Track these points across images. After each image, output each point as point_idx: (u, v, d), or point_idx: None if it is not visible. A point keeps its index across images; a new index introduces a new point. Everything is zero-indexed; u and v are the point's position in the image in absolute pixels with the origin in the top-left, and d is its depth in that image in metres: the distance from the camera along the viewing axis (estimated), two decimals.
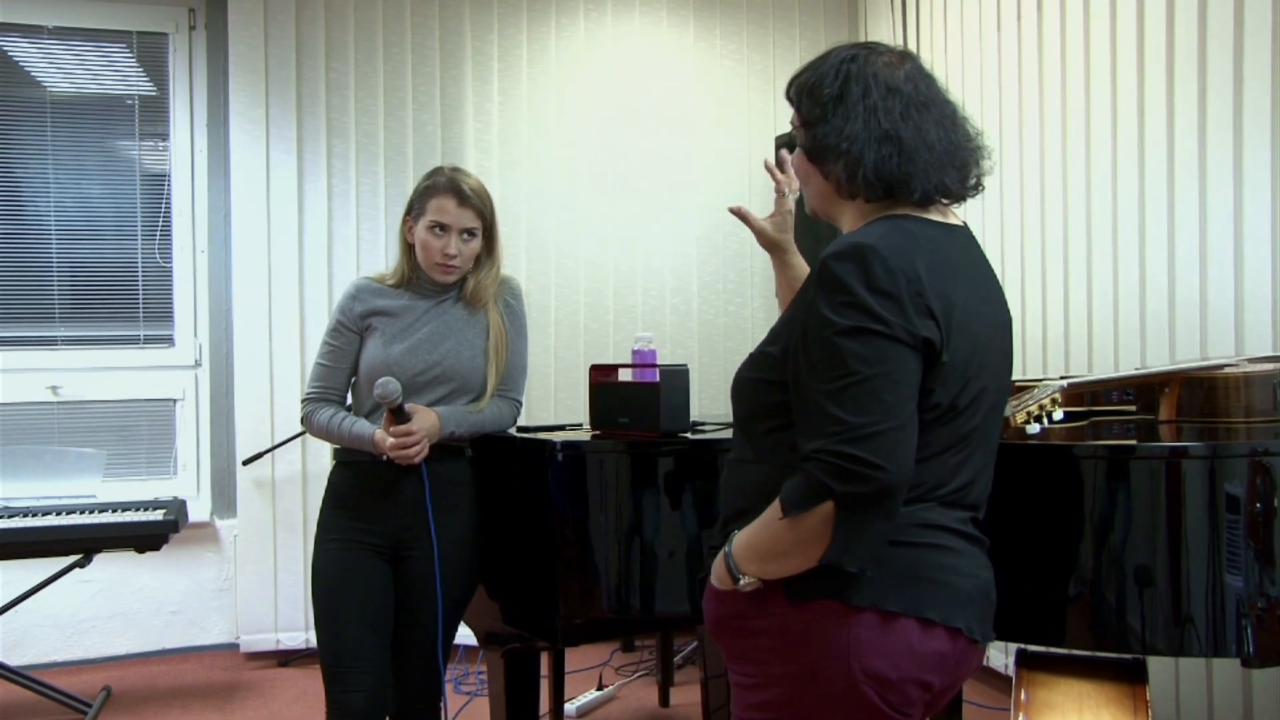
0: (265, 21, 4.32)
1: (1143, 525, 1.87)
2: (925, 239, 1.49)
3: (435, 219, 2.49)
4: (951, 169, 1.55)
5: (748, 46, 4.94)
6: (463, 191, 2.50)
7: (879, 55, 1.58)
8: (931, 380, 1.43)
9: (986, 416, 1.55)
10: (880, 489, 1.34)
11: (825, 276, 1.43)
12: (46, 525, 3.55)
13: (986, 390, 1.53)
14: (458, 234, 2.50)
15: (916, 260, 1.43)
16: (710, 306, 4.88)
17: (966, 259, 1.56)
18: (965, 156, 1.58)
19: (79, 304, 4.48)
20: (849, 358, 1.37)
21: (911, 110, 1.53)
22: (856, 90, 1.53)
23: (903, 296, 1.39)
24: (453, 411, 2.50)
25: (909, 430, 1.39)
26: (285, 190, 4.36)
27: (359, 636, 2.41)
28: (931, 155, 1.52)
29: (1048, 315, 3.64)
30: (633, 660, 4.32)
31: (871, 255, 1.40)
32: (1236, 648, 1.84)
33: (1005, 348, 1.62)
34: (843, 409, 1.36)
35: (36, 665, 4.20)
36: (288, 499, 4.37)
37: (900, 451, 1.36)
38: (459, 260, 2.51)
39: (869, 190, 1.54)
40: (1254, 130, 2.85)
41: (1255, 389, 2.19)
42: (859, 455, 1.34)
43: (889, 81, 1.54)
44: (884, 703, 1.45)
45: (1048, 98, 3.64)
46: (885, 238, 1.45)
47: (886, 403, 1.36)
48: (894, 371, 1.38)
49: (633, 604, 2.43)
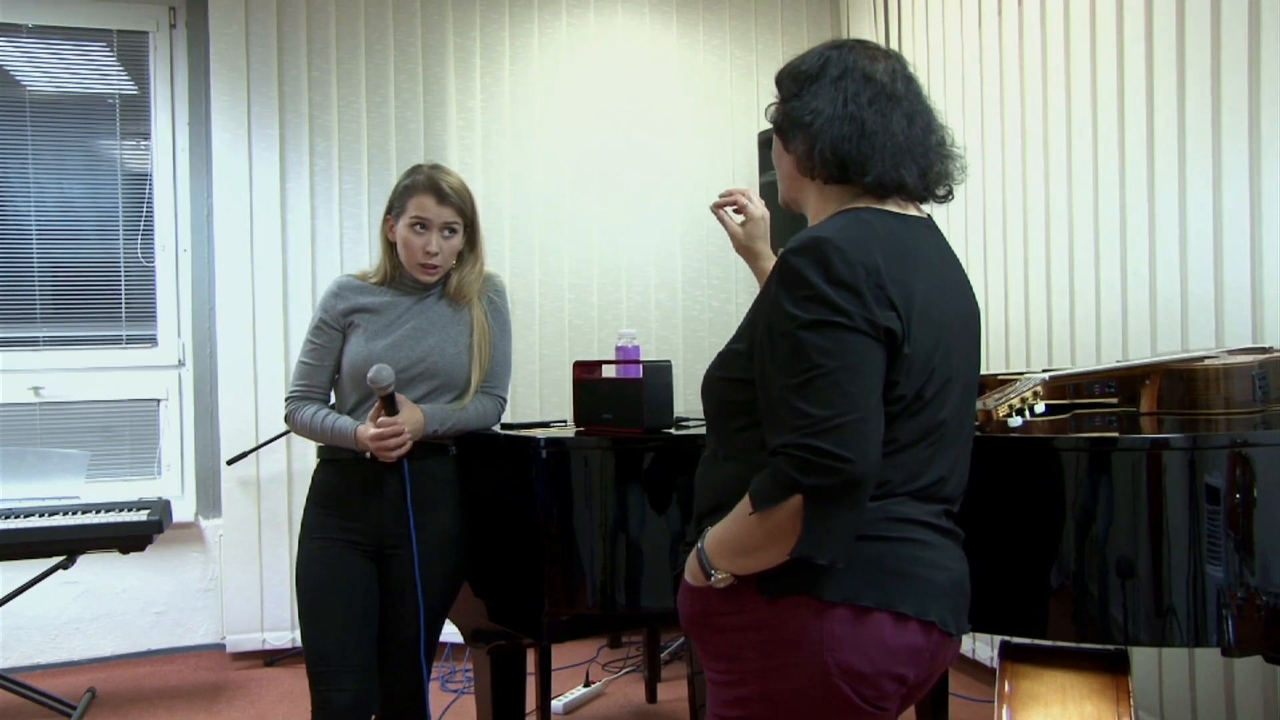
0: (246, 19, 4.31)
1: (1124, 517, 1.88)
2: (884, 230, 1.50)
3: (416, 216, 2.49)
4: (911, 163, 1.55)
5: (731, 43, 4.94)
6: (442, 189, 2.50)
7: (865, 49, 1.60)
8: (895, 372, 1.44)
9: (957, 409, 1.55)
10: (847, 481, 1.35)
11: (785, 271, 1.44)
12: (30, 526, 3.53)
13: (952, 381, 1.53)
14: (438, 231, 2.50)
15: (875, 251, 1.44)
16: (695, 303, 4.89)
17: (928, 249, 1.56)
18: (929, 155, 1.58)
19: (61, 304, 4.45)
20: (811, 351, 1.38)
21: (881, 99, 1.55)
22: (833, 72, 1.56)
23: (862, 288, 1.40)
24: (437, 410, 2.49)
25: (874, 421, 1.39)
26: (268, 188, 4.34)
27: (344, 635, 2.41)
28: (892, 144, 1.54)
29: (1030, 308, 3.66)
30: (619, 656, 4.32)
31: (829, 248, 1.41)
32: (1217, 637, 1.85)
33: (972, 338, 1.62)
34: (807, 402, 1.37)
35: (20, 668, 4.18)
36: (273, 498, 4.35)
37: (866, 443, 1.37)
38: (440, 258, 2.51)
39: (824, 168, 1.56)
40: (1231, 123, 2.87)
41: (1235, 380, 2.20)
42: (825, 448, 1.34)
43: (867, 71, 1.56)
44: (858, 696, 1.46)
45: (1029, 93, 3.65)
46: (843, 230, 1.46)
47: (850, 394, 1.37)
48: (857, 363, 1.39)
49: (618, 600, 2.44)
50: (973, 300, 1.65)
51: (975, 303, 1.66)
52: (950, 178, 1.63)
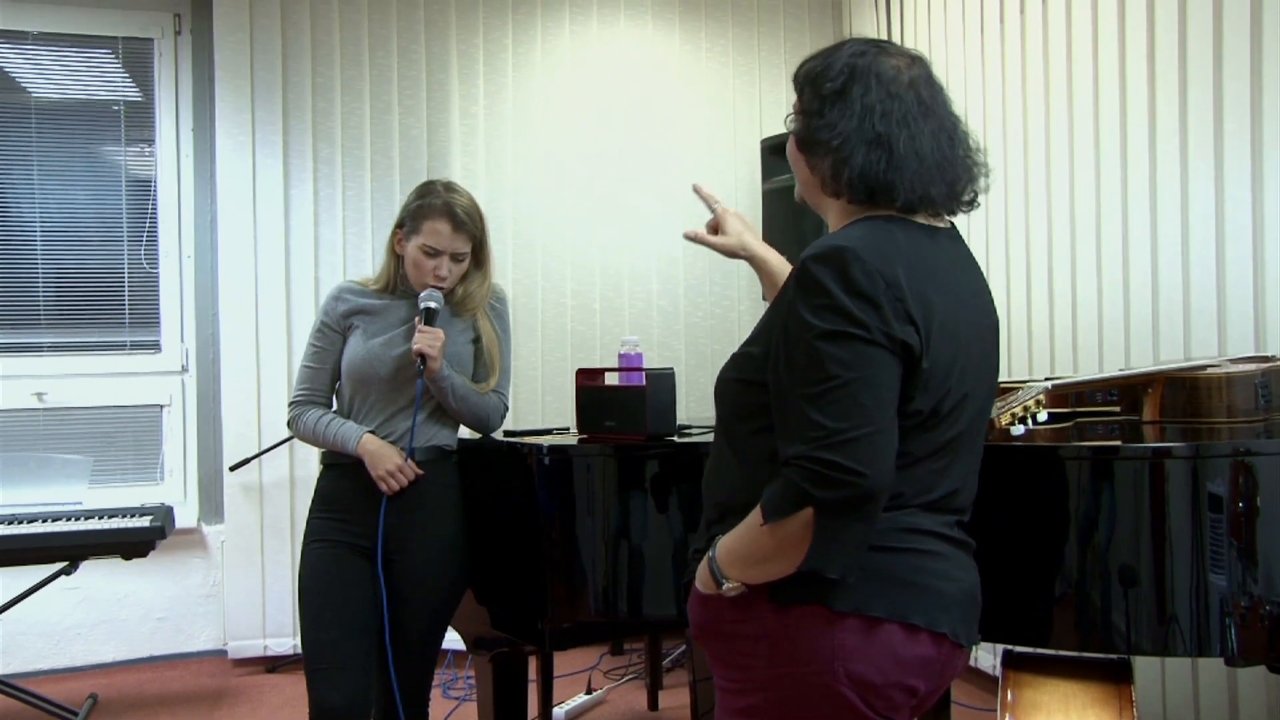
0: (251, 26, 4.32)
1: (1127, 525, 1.88)
2: (907, 242, 1.48)
3: (428, 243, 2.49)
4: (940, 182, 1.53)
5: (733, 49, 4.95)
6: (457, 216, 2.49)
7: (889, 56, 1.56)
8: (912, 387, 1.42)
9: (970, 423, 1.54)
10: (860, 494, 1.34)
11: (804, 278, 1.42)
12: (32, 532, 3.53)
13: (969, 396, 1.52)
14: (450, 257, 2.52)
15: (897, 264, 1.42)
16: (697, 309, 4.89)
17: (950, 261, 1.55)
18: (957, 171, 1.56)
19: (64, 310, 4.46)
20: (828, 362, 1.37)
21: (909, 118, 1.51)
22: (858, 89, 1.51)
23: (881, 300, 1.38)
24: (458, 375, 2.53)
25: (889, 435, 1.38)
26: (271, 195, 4.35)
27: (341, 636, 2.41)
28: (921, 166, 1.50)
29: (1032, 316, 3.66)
30: (621, 664, 4.32)
31: (850, 258, 1.40)
32: (1220, 647, 1.85)
33: (990, 350, 1.60)
34: (822, 414, 1.36)
35: (22, 674, 4.18)
36: (275, 504, 4.35)
37: (880, 457, 1.36)
38: (448, 282, 2.54)
39: (852, 192, 1.53)
40: (1234, 130, 2.87)
41: (1238, 389, 2.20)
42: (838, 461, 1.33)
43: (892, 85, 1.52)
44: (868, 707, 1.45)
45: (1031, 97, 3.66)
46: (865, 240, 1.44)
47: (865, 407, 1.36)
48: (873, 376, 1.37)
49: (621, 607, 2.43)
50: (992, 311, 1.64)
51: (995, 313, 1.64)
52: (977, 185, 1.60)
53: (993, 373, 1.63)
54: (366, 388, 2.52)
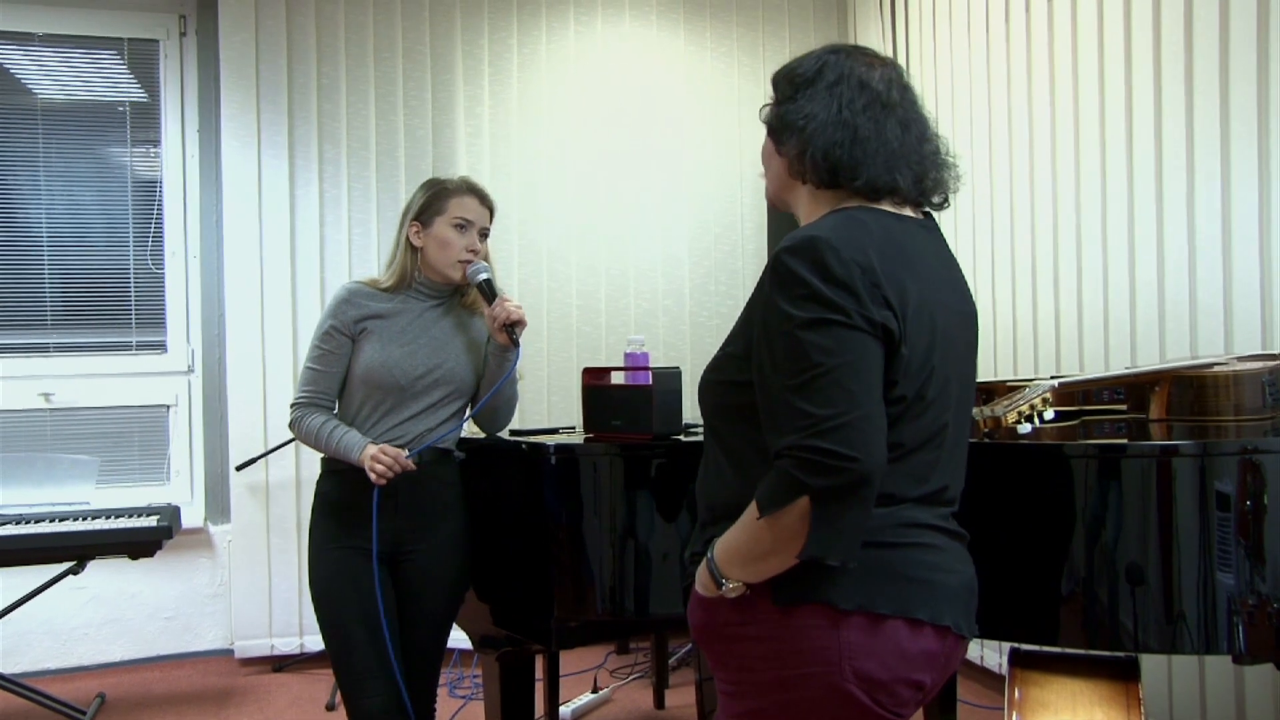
0: (256, 27, 4.33)
1: (1134, 524, 1.88)
2: (877, 228, 1.50)
3: (459, 215, 2.54)
4: (905, 169, 1.55)
5: (738, 49, 4.95)
6: (482, 192, 2.60)
7: (863, 55, 1.61)
8: (894, 371, 1.43)
9: (956, 411, 1.55)
10: (854, 479, 1.34)
11: (779, 271, 1.43)
12: (40, 532, 3.54)
13: (951, 381, 1.53)
14: (478, 231, 2.56)
15: (868, 249, 1.44)
16: (703, 308, 4.89)
17: (923, 248, 1.56)
18: (924, 162, 1.58)
19: (71, 311, 4.47)
20: (811, 350, 1.38)
21: (875, 106, 1.55)
22: (829, 77, 1.58)
23: (858, 286, 1.40)
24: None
25: (877, 418, 1.38)
26: (277, 195, 4.36)
27: (368, 643, 2.41)
28: (885, 150, 1.54)
29: (1038, 315, 3.66)
30: (627, 663, 4.32)
31: (824, 247, 1.41)
32: (1228, 645, 1.85)
33: (969, 339, 1.61)
34: (809, 402, 1.36)
35: (30, 673, 4.19)
36: (281, 504, 4.36)
37: (871, 440, 1.36)
38: (479, 257, 2.57)
39: (815, 173, 1.56)
40: (1240, 130, 2.87)
41: (1245, 387, 2.20)
42: (830, 448, 1.33)
43: (863, 77, 1.57)
44: (876, 704, 1.45)
45: (1036, 99, 3.66)
46: (837, 229, 1.46)
47: (852, 392, 1.36)
48: (857, 360, 1.38)
49: (627, 606, 2.44)
50: (970, 301, 1.65)
51: (972, 303, 1.65)
52: (946, 186, 1.63)
53: (972, 362, 1.64)
54: (382, 394, 2.50)
